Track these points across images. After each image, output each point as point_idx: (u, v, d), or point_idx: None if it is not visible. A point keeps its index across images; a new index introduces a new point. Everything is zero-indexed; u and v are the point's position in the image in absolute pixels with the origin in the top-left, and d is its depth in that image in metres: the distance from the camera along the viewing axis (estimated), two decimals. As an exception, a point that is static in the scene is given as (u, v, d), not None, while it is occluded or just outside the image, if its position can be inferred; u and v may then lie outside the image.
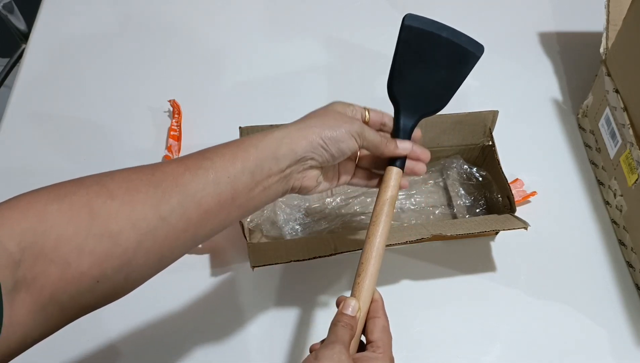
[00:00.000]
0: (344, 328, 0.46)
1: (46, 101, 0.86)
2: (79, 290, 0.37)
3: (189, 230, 0.43)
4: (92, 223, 0.37)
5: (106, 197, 0.39)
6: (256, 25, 0.97)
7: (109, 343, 0.65)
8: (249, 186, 0.46)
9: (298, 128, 0.49)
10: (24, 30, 1.18)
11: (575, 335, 0.67)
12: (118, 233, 0.38)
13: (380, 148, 0.52)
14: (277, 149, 0.47)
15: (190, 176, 0.43)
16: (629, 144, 0.70)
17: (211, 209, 0.44)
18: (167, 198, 0.41)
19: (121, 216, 0.39)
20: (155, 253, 0.41)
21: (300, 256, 0.62)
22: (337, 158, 0.50)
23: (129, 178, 0.41)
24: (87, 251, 0.37)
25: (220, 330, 0.66)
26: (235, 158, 0.45)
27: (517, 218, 0.68)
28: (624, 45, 0.72)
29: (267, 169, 0.47)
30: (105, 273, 0.38)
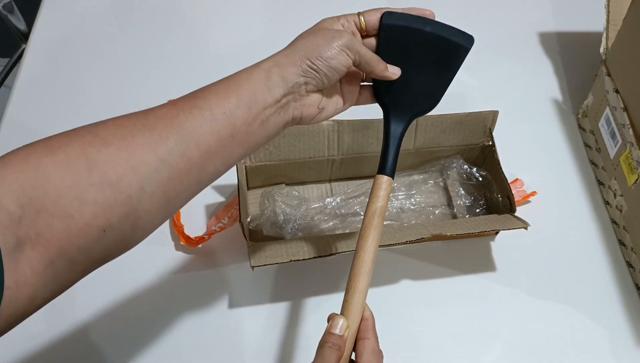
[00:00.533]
0: (331, 349, 0.44)
1: (46, 101, 0.86)
2: (87, 241, 0.36)
3: (191, 170, 0.42)
4: (90, 173, 0.36)
5: (101, 145, 0.38)
6: (256, 26, 0.97)
7: (107, 342, 0.65)
8: (246, 121, 0.44)
9: (285, 54, 0.47)
10: (24, 30, 1.18)
11: (575, 335, 0.67)
12: (118, 180, 0.37)
13: (372, 63, 0.49)
14: (267, 79, 0.45)
15: (184, 116, 0.42)
16: (629, 144, 0.70)
17: (211, 147, 0.43)
18: (164, 139, 0.40)
19: (119, 163, 0.38)
20: (160, 197, 0.40)
21: (300, 256, 0.61)
22: (331, 77, 0.47)
23: (122, 124, 0.40)
24: (89, 202, 0.36)
25: (220, 329, 0.66)
26: (228, 93, 0.44)
27: (517, 218, 0.68)
28: (624, 45, 0.72)
29: (262, 101, 0.45)
30: (111, 222, 0.37)
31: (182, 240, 0.70)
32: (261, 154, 0.70)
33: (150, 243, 0.71)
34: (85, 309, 0.67)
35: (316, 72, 0.47)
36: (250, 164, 0.71)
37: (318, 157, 0.72)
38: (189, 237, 0.70)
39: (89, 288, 0.68)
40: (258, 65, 0.46)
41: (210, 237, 0.71)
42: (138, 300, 0.68)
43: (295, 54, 0.46)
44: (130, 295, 0.68)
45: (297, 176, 0.75)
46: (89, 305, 0.67)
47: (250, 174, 0.73)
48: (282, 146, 0.70)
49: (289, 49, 0.47)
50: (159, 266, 0.70)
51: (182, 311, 0.67)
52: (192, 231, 0.72)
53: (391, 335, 0.66)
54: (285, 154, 0.71)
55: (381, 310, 0.69)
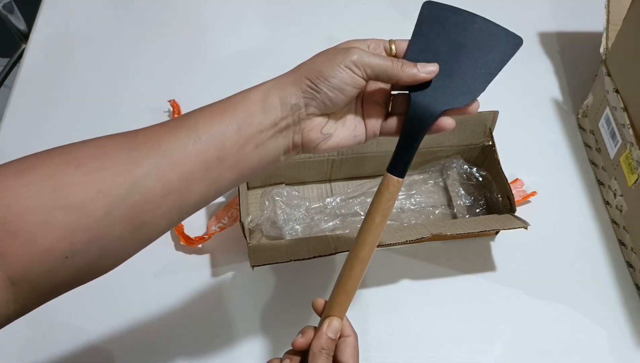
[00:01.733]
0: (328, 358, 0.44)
1: (46, 101, 0.86)
2: (50, 266, 0.36)
3: (170, 194, 0.39)
4: (56, 195, 0.35)
5: (72, 167, 0.36)
6: (257, 26, 0.97)
7: (108, 343, 0.65)
8: (237, 143, 0.41)
9: (287, 74, 0.44)
10: (24, 30, 1.18)
11: (575, 335, 0.67)
12: (84, 204, 0.36)
13: (391, 71, 0.43)
14: (264, 100, 0.42)
15: (169, 136, 0.39)
16: (629, 144, 0.70)
17: (194, 170, 0.40)
18: (141, 160, 0.38)
19: (87, 185, 0.36)
20: (129, 222, 0.38)
21: (300, 256, 0.61)
22: (335, 98, 0.43)
23: (103, 144, 0.39)
24: (52, 225, 0.35)
25: (220, 329, 0.66)
26: (221, 114, 0.41)
27: (517, 218, 0.68)
28: (624, 45, 0.72)
29: (257, 124, 0.42)
30: (76, 247, 0.36)
31: (182, 240, 0.70)
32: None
33: (150, 243, 0.72)
34: (84, 309, 0.67)
35: (316, 92, 0.43)
36: (250, 164, 0.71)
37: (318, 157, 0.72)
38: (189, 237, 0.70)
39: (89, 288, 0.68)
40: (258, 85, 0.44)
41: (210, 237, 0.71)
42: (138, 300, 0.68)
43: (296, 74, 0.43)
44: (130, 295, 0.68)
45: (297, 176, 0.75)
46: (88, 305, 0.67)
47: (250, 174, 0.73)
48: (282, 146, 0.70)
49: (292, 70, 0.44)
50: (159, 266, 0.70)
51: (182, 311, 0.67)
52: (192, 231, 0.72)
53: (391, 335, 0.66)
54: (285, 154, 0.71)
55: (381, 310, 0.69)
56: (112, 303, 0.68)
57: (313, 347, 0.45)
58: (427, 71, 0.44)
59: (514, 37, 0.47)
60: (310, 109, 0.43)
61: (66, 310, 0.66)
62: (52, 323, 0.66)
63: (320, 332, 0.45)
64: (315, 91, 0.43)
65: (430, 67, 0.44)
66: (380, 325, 0.65)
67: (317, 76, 0.42)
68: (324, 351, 0.45)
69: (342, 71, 0.42)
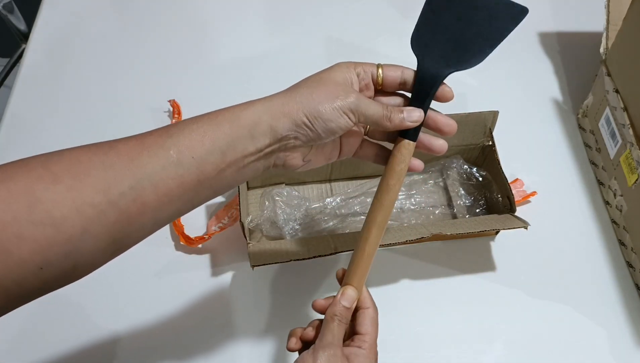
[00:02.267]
0: (340, 325, 0.45)
1: (46, 101, 0.86)
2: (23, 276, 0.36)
3: (145, 213, 0.39)
4: (32, 210, 0.35)
5: (49, 182, 0.36)
6: (257, 26, 0.97)
7: (108, 342, 0.65)
8: (218, 167, 0.41)
9: (282, 102, 0.43)
10: (24, 30, 1.18)
11: (575, 335, 0.67)
12: (61, 220, 0.36)
13: (382, 123, 0.45)
14: (254, 126, 0.42)
15: (147, 156, 0.39)
16: (629, 144, 0.70)
17: (172, 191, 0.40)
18: (119, 181, 0.38)
19: (64, 203, 0.36)
20: (105, 237, 0.38)
21: (300, 256, 0.62)
22: (325, 138, 0.44)
23: (79, 159, 0.38)
24: (27, 239, 0.35)
25: (220, 329, 0.66)
26: (203, 136, 0.41)
27: (517, 218, 0.68)
28: (624, 45, 0.72)
29: (242, 149, 0.42)
30: (49, 260, 0.36)
31: (182, 240, 0.70)
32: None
33: (150, 243, 0.71)
34: (84, 309, 0.67)
35: (310, 131, 0.43)
36: (250, 164, 0.71)
37: (318, 157, 0.72)
38: (189, 237, 0.70)
39: (89, 288, 0.68)
40: (247, 106, 0.43)
41: (210, 237, 0.71)
42: (137, 300, 0.68)
43: (292, 104, 0.43)
44: (130, 295, 0.68)
45: (297, 176, 0.75)
46: (88, 305, 0.67)
47: (250, 174, 0.73)
48: (282, 146, 0.70)
49: (288, 95, 0.43)
50: (159, 266, 0.70)
51: (182, 311, 0.67)
52: (192, 231, 0.72)
53: (391, 335, 0.66)
54: (285, 154, 0.71)
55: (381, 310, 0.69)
56: (112, 303, 0.68)
57: (326, 313, 0.46)
58: (412, 119, 0.45)
59: (520, 9, 0.50)
60: (298, 142, 0.44)
61: (66, 310, 0.67)
62: (52, 323, 0.66)
63: (335, 299, 0.47)
64: (310, 130, 0.43)
65: (414, 113, 0.46)
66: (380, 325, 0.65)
67: (315, 116, 0.42)
68: (336, 317, 0.45)
69: (341, 117, 0.43)
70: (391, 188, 0.46)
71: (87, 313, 0.67)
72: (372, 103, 0.45)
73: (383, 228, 0.47)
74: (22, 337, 0.65)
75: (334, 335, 0.45)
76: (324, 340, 0.45)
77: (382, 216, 0.47)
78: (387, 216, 0.47)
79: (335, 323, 0.45)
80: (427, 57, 0.47)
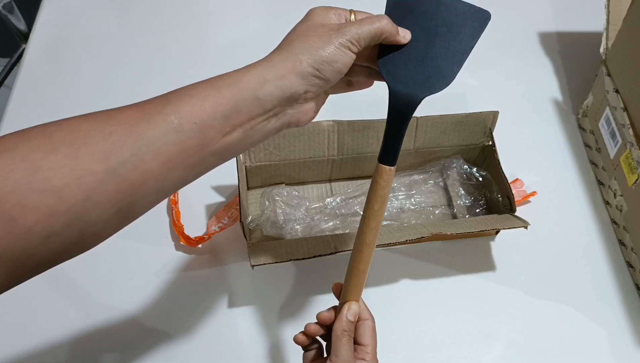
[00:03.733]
0: (350, 339, 0.48)
1: (46, 101, 0.86)
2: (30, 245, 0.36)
3: (149, 181, 0.39)
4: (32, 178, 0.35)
5: (47, 151, 0.36)
6: (258, 26, 0.97)
7: (108, 342, 0.65)
8: (222, 131, 0.40)
9: (283, 58, 0.41)
10: (24, 30, 1.18)
11: (575, 335, 0.67)
12: (61, 188, 0.36)
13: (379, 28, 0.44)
14: (259, 87, 0.40)
15: (147, 123, 0.38)
16: (629, 144, 0.70)
17: (174, 157, 0.39)
18: (118, 148, 0.37)
19: (64, 170, 0.36)
20: (109, 206, 0.38)
21: (300, 256, 0.61)
22: (333, 81, 0.43)
23: (78, 128, 0.38)
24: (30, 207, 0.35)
25: (220, 329, 0.66)
26: (204, 101, 0.40)
27: (517, 218, 0.68)
28: (624, 45, 0.72)
29: (247, 112, 0.41)
30: (54, 229, 0.36)
31: (182, 240, 0.70)
32: (261, 154, 0.70)
33: (150, 243, 0.72)
34: (84, 309, 0.67)
35: (319, 79, 0.42)
36: (250, 164, 0.71)
37: (318, 157, 0.72)
38: (189, 237, 0.70)
39: (88, 287, 0.68)
40: (248, 69, 0.42)
41: (210, 237, 0.71)
42: (138, 300, 0.68)
43: (295, 59, 0.41)
44: (130, 295, 0.68)
45: (297, 176, 0.75)
46: (88, 304, 0.67)
47: (250, 174, 0.73)
48: (282, 146, 0.70)
49: (286, 51, 0.42)
50: (159, 266, 0.70)
51: (182, 311, 0.67)
52: (192, 231, 0.72)
53: (391, 335, 0.66)
54: (285, 154, 0.71)
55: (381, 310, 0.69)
56: (112, 302, 0.67)
57: (336, 329, 0.48)
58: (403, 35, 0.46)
59: (482, 13, 0.48)
60: (310, 94, 0.43)
61: (66, 309, 0.67)
62: (52, 322, 0.66)
63: (341, 315, 0.49)
64: (319, 78, 0.42)
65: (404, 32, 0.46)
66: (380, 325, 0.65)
67: (320, 62, 0.42)
68: (346, 333, 0.48)
69: (344, 54, 0.42)
70: (377, 212, 0.48)
71: (87, 313, 0.67)
72: (361, 25, 0.44)
73: (374, 246, 0.49)
74: (22, 336, 0.65)
75: (347, 350, 0.47)
76: (341, 356, 0.47)
77: (372, 237, 0.49)
78: (376, 236, 0.49)
79: (346, 339, 0.48)
80: (398, 82, 0.46)
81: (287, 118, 0.43)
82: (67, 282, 0.68)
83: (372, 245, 0.49)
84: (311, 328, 0.50)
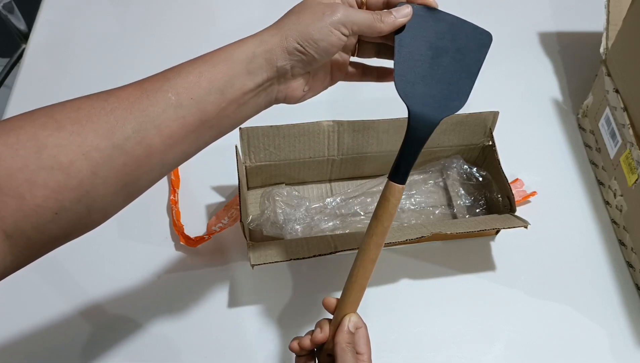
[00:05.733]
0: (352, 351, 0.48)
1: (46, 101, 0.85)
2: (40, 221, 0.37)
3: (152, 155, 0.40)
4: (40, 156, 0.36)
5: (53, 128, 0.37)
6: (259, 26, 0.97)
7: (108, 342, 0.65)
8: (219, 106, 0.42)
9: (271, 34, 0.43)
10: (24, 30, 1.18)
11: (575, 335, 0.67)
12: (68, 165, 0.37)
13: (375, 27, 0.44)
14: (250, 62, 0.42)
15: (147, 100, 0.40)
16: (629, 144, 0.70)
17: (175, 133, 0.41)
18: (121, 125, 0.39)
19: (70, 147, 0.37)
20: (115, 182, 0.39)
21: (300, 255, 0.61)
22: (320, 60, 0.44)
23: (80, 107, 0.39)
24: (39, 184, 0.36)
25: (220, 329, 0.66)
26: (200, 76, 0.41)
27: (517, 217, 0.68)
28: (624, 45, 0.72)
29: (240, 86, 0.42)
30: (63, 205, 0.37)
31: (182, 240, 0.70)
32: (261, 154, 0.70)
33: (150, 243, 0.72)
34: (84, 308, 0.67)
35: (303, 55, 0.43)
36: (250, 164, 0.71)
37: (318, 157, 0.72)
38: (189, 237, 0.70)
39: (88, 287, 0.68)
40: (240, 44, 0.43)
41: (210, 237, 0.71)
42: (138, 300, 0.68)
43: (282, 34, 0.43)
44: (130, 295, 0.68)
45: (297, 176, 0.75)
46: (88, 304, 0.67)
47: (250, 174, 0.73)
48: (282, 146, 0.70)
49: (276, 28, 0.44)
50: (159, 266, 0.70)
51: (182, 311, 0.67)
52: (192, 231, 0.72)
53: (391, 335, 0.66)
54: (285, 154, 0.71)
55: (381, 310, 0.69)
56: (112, 302, 0.67)
57: (340, 342, 0.48)
58: (403, 14, 0.45)
59: (486, 33, 0.48)
60: (296, 70, 0.44)
61: (65, 309, 0.67)
62: (51, 322, 0.66)
63: (343, 327, 0.49)
64: (303, 54, 0.43)
65: (404, 10, 0.45)
66: (380, 325, 0.65)
67: (306, 39, 0.43)
68: (349, 345, 0.48)
69: (331, 33, 0.43)
70: (386, 229, 0.48)
71: (87, 312, 0.67)
72: (359, 12, 0.44)
73: (377, 260, 0.50)
74: (21, 336, 0.65)
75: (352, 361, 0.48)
76: None
77: (377, 253, 0.49)
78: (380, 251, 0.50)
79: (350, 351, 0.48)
80: (417, 104, 0.46)
81: (274, 93, 0.45)
82: (67, 282, 0.68)
83: (376, 260, 0.50)
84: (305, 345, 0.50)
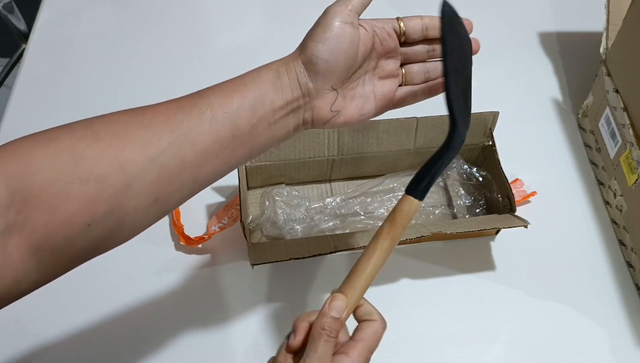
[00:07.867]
0: (327, 343, 0.40)
1: (46, 101, 0.86)
2: (71, 234, 0.37)
3: (185, 170, 0.41)
4: (76, 167, 0.37)
5: (91, 140, 0.38)
6: (258, 26, 0.97)
7: (107, 341, 0.65)
8: (250, 122, 0.42)
9: (293, 53, 0.45)
10: (24, 30, 1.18)
11: (575, 335, 0.67)
12: (104, 177, 0.37)
13: None
14: (276, 79, 0.44)
15: (182, 115, 0.41)
16: (629, 144, 0.70)
17: (209, 148, 0.41)
18: (157, 138, 0.39)
19: (107, 159, 0.38)
20: (148, 195, 0.39)
21: (300, 254, 0.61)
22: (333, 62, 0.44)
23: (118, 120, 0.40)
24: (73, 195, 0.36)
25: (220, 329, 0.66)
26: (233, 93, 0.43)
27: (517, 217, 0.68)
28: (624, 45, 0.72)
29: (270, 103, 0.43)
30: (95, 217, 0.37)
31: (182, 240, 0.70)
32: (261, 154, 0.70)
33: (150, 243, 0.72)
34: (84, 308, 0.67)
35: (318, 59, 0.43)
36: (250, 164, 0.71)
37: (318, 157, 0.72)
38: (189, 237, 0.70)
39: (88, 287, 0.68)
40: (268, 65, 0.45)
41: (210, 237, 0.71)
42: (137, 299, 0.68)
43: (299, 49, 0.45)
44: (130, 295, 0.68)
45: (297, 176, 0.75)
46: (88, 304, 0.67)
47: (250, 174, 0.73)
48: (282, 146, 0.70)
49: (297, 47, 0.46)
50: (159, 266, 0.70)
51: (182, 311, 0.67)
52: (192, 231, 0.72)
53: (391, 335, 0.66)
54: (285, 154, 0.71)
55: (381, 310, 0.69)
56: (112, 302, 0.67)
57: (313, 325, 0.41)
58: None
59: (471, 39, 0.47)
60: (318, 83, 0.44)
61: (65, 308, 0.66)
62: (51, 322, 0.66)
63: (322, 310, 0.41)
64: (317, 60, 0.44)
65: None
66: (380, 325, 0.65)
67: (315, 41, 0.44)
68: (324, 332, 0.40)
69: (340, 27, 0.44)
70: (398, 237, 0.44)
71: (87, 312, 0.66)
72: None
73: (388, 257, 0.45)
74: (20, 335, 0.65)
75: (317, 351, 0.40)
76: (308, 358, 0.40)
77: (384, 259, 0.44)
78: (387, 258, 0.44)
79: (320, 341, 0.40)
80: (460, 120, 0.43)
81: (302, 114, 0.45)
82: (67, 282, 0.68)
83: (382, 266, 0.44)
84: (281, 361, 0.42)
